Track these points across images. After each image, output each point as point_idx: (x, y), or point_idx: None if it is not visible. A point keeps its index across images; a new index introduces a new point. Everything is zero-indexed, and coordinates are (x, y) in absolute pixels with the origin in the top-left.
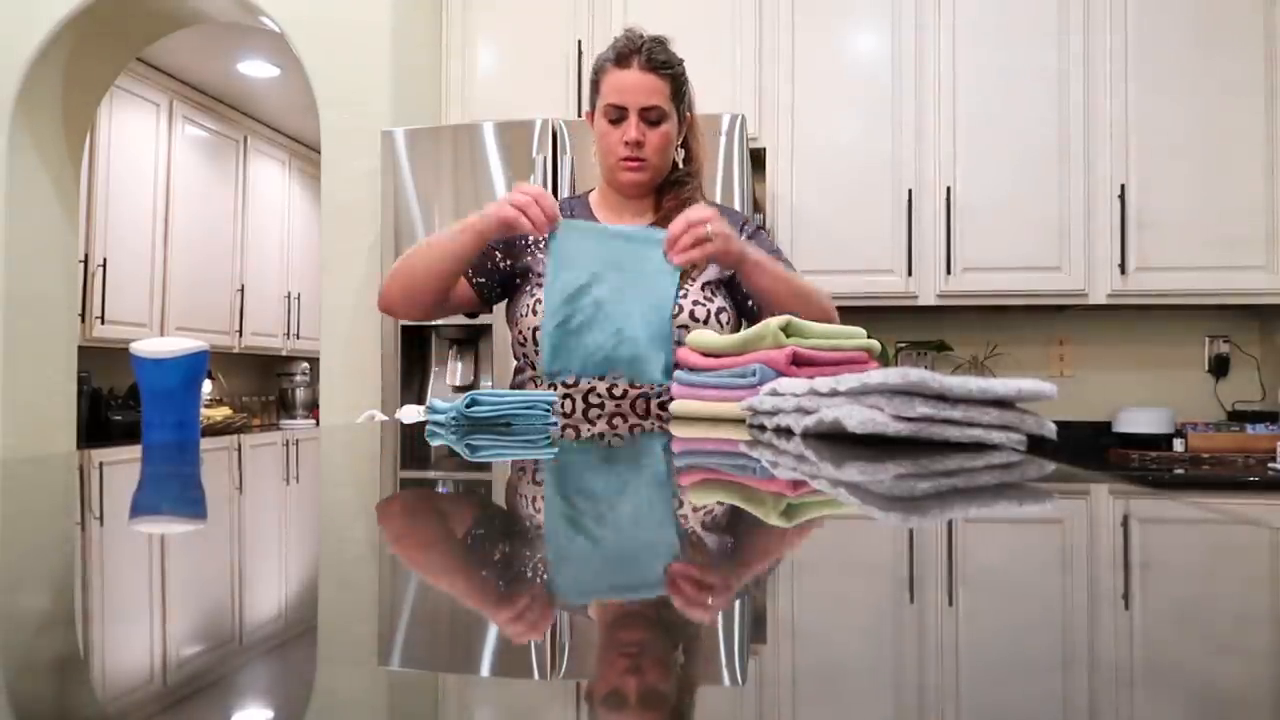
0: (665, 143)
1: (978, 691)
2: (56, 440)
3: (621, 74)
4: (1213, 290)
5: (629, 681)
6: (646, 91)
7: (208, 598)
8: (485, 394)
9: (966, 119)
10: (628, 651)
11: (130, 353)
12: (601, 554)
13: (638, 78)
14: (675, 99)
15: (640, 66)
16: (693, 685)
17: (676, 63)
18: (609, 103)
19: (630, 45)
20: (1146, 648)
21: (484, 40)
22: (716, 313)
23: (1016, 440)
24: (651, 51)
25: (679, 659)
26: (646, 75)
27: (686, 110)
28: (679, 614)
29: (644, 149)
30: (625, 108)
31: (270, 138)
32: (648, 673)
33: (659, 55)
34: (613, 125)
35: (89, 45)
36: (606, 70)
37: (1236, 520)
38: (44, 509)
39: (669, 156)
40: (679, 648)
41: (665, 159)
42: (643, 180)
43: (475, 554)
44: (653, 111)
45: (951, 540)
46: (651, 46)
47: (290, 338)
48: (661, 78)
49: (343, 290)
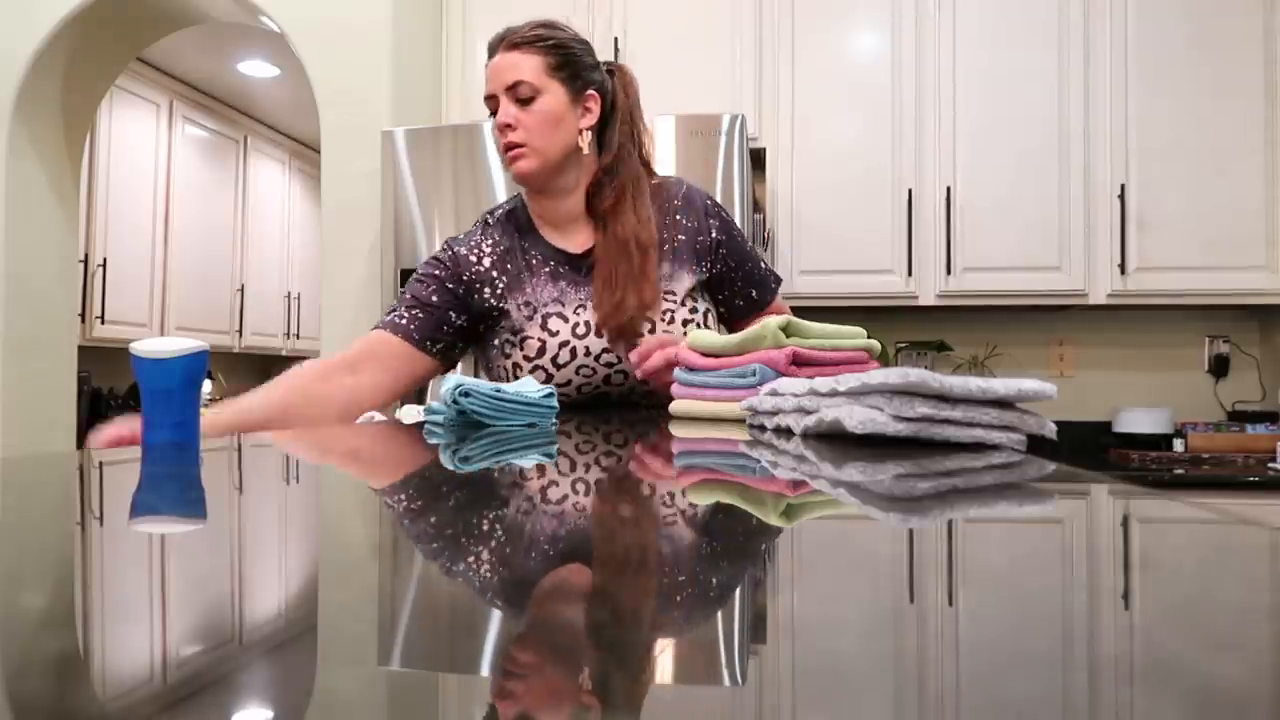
0: (544, 121)
1: (978, 691)
2: (56, 440)
3: (490, 65)
4: (1213, 290)
5: (620, 683)
6: (510, 69)
7: (207, 598)
8: (477, 384)
9: (967, 119)
10: (622, 653)
11: (130, 352)
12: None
13: (499, 60)
14: (554, 72)
15: (503, 49)
16: (692, 685)
17: (553, 37)
18: (484, 96)
19: (498, 37)
20: (1146, 647)
21: (484, 40)
22: (703, 315)
23: (1017, 440)
24: (520, 30)
25: (677, 660)
26: (509, 54)
27: (588, 89)
28: (677, 614)
29: (517, 131)
30: (494, 95)
31: (270, 138)
32: (643, 674)
33: (526, 33)
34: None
35: (89, 45)
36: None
37: (1236, 520)
38: (44, 509)
39: (557, 137)
40: (676, 649)
41: (551, 140)
42: (531, 168)
43: (470, 557)
44: (520, 88)
45: (952, 540)
46: (520, 28)
47: (290, 338)
48: (529, 52)
49: (343, 290)
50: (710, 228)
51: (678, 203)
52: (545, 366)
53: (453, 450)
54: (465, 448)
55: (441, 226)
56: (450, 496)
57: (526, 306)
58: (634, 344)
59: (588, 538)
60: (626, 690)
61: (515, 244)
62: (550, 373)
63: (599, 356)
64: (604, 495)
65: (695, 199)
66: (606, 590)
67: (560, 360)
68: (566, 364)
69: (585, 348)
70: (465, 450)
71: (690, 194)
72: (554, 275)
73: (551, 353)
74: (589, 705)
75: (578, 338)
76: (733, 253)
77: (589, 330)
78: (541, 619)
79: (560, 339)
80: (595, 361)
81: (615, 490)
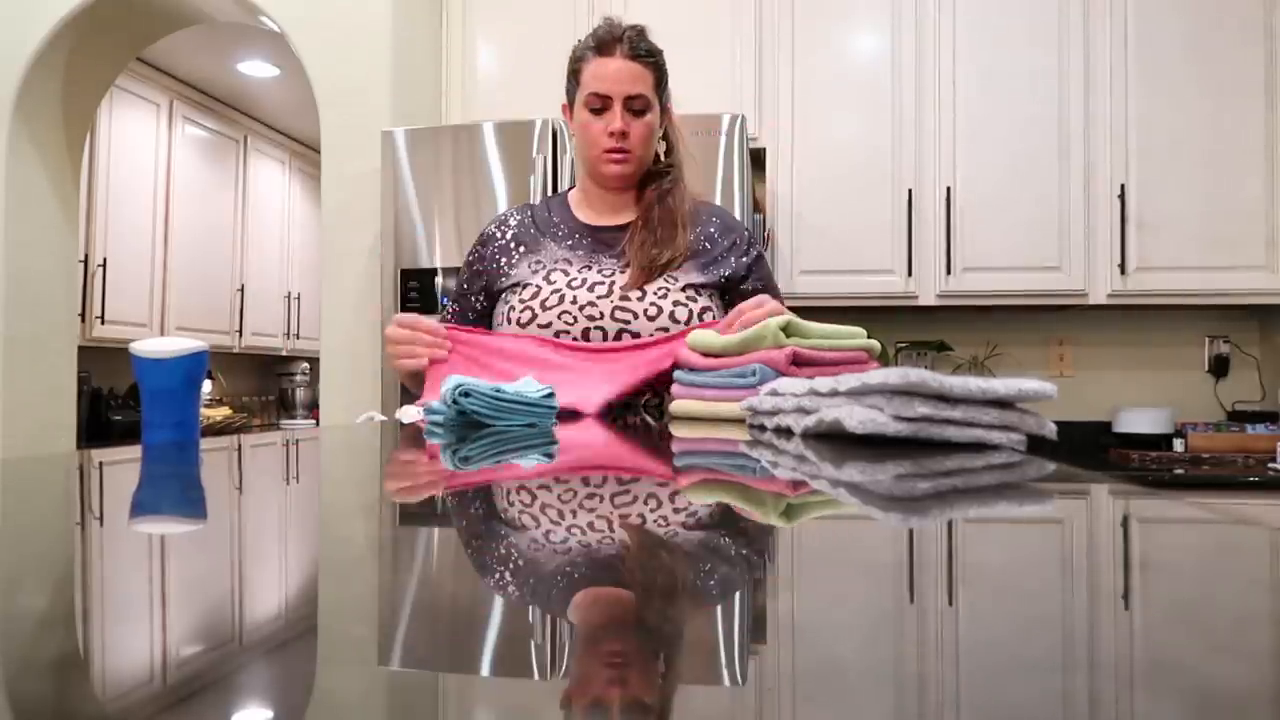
0: (649, 133)
1: (978, 691)
2: (56, 440)
3: (604, 62)
4: (1213, 290)
5: (616, 686)
6: (631, 80)
7: (207, 598)
8: (477, 384)
9: (966, 118)
10: (620, 655)
11: (130, 353)
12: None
13: (621, 65)
14: (657, 89)
15: (624, 55)
16: (692, 686)
17: (658, 52)
18: (592, 92)
19: (612, 33)
20: (1146, 647)
21: (484, 40)
22: (700, 312)
23: (1016, 440)
24: (634, 40)
25: (675, 660)
26: (630, 63)
27: (666, 101)
28: (675, 615)
29: (629, 140)
30: (609, 97)
31: (270, 138)
32: (641, 675)
33: (642, 44)
34: (595, 115)
35: (89, 45)
36: (587, 59)
37: (1236, 520)
38: (44, 509)
39: (652, 148)
40: (676, 648)
41: (649, 150)
42: (628, 173)
43: (476, 558)
44: (637, 101)
45: (951, 540)
46: (633, 34)
47: (290, 338)
48: (645, 66)
49: (343, 290)
50: (746, 252)
51: (713, 217)
52: (533, 306)
53: (453, 450)
54: (465, 448)
55: (441, 226)
56: (450, 497)
57: (538, 264)
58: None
59: (588, 538)
60: (629, 690)
61: (545, 219)
62: (535, 312)
63: (584, 308)
64: (604, 495)
65: (729, 220)
66: (606, 590)
67: (548, 303)
68: (552, 307)
69: (574, 297)
70: (465, 450)
71: (727, 216)
72: (574, 245)
73: (543, 296)
74: (591, 704)
75: (571, 288)
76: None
77: (583, 284)
78: (540, 619)
79: (554, 287)
80: (579, 312)
81: (615, 491)
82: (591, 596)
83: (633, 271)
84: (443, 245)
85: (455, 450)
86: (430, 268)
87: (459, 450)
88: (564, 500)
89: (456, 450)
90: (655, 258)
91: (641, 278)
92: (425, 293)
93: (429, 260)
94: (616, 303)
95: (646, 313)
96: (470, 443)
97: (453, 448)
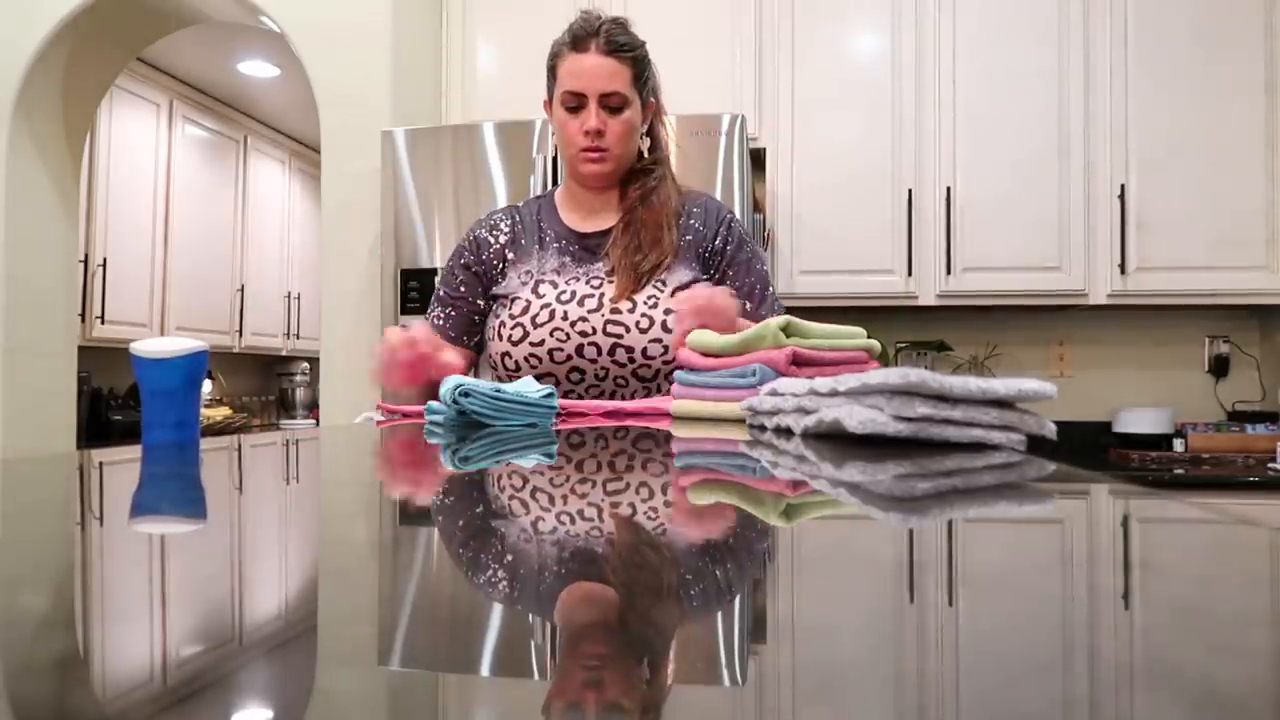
0: (627, 131)
1: (978, 691)
2: (56, 440)
3: (579, 58)
4: (1213, 290)
5: (617, 685)
6: (605, 76)
7: (207, 598)
8: (477, 384)
9: (966, 119)
10: (616, 656)
11: (130, 353)
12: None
13: (596, 62)
14: (637, 83)
15: (598, 50)
16: (692, 686)
17: (638, 45)
18: (566, 89)
19: (587, 27)
20: (1146, 647)
21: (484, 40)
22: None
23: (1016, 440)
24: (610, 33)
25: (673, 661)
26: (605, 59)
27: (650, 96)
28: (676, 614)
29: (605, 138)
30: (584, 94)
31: (270, 138)
32: (640, 675)
33: (619, 37)
34: (571, 114)
35: (89, 45)
36: (563, 55)
37: (1236, 520)
38: (44, 509)
39: (633, 145)
40: (676, 650)
41: (628, 148)
42: (605, 171)
43: (475, 556)
44: (613, 98)
45: (951, 540)
46: (610, 28)
47: (290, 338)
48: (622, 61)
49: (343, 290)
50: (718, 235)
51: (695, 209)
52: (524, 324)
53: (453, 450)
54: (465, 448)
55: (441, 226)
56: (450, 497)
57: (527, 275)
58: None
59: (587, 538)
60: (629, 690)
61: (534, 223)
62: (527, 330)
63: (575, 324)
64: (603, 495)
65: (714, 208)
66: (606, 589)
67: (539, 320)
68: (544, 324)
69: (564, 312)
70: (465, 450)
71: (711, 204)
72: (562, 251)
73: (533, 312)
74: (592, 704)
75: (560, 303)
76: (734, 265)
77: (573, 298)
78: (539, 620)
79: (544, 301)
80: (571, 329)
81: (615, 491)
82: (587, 597)
83: (619, 281)
84: (443, 245)
85: (455, 450)
86: (430, 268)
87: (459, 450)
88: (564, 500)
89: (456, 450)
90: (639, 264)
91: (629, 286)
92: (425, 293)
93: (429, 260)
94: (608, 316)
95: (639, 325)
96: (470, 443)
97: (453, 448)
